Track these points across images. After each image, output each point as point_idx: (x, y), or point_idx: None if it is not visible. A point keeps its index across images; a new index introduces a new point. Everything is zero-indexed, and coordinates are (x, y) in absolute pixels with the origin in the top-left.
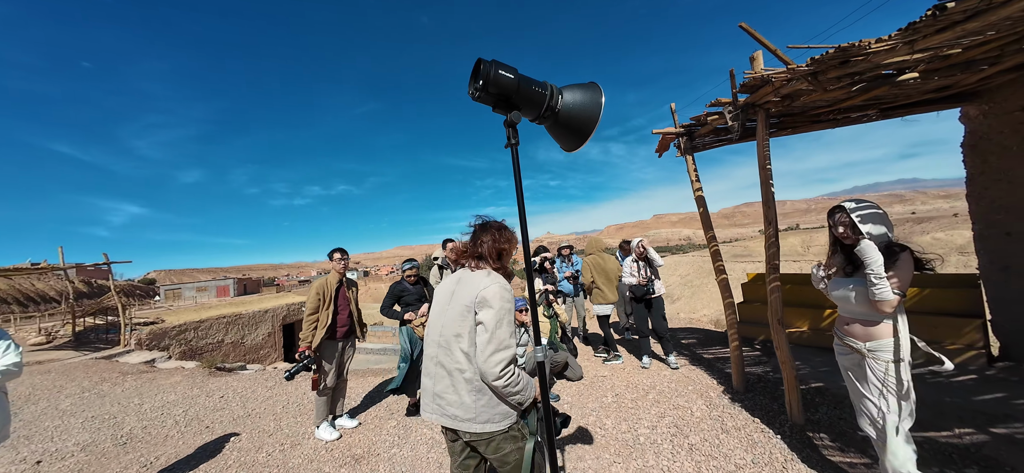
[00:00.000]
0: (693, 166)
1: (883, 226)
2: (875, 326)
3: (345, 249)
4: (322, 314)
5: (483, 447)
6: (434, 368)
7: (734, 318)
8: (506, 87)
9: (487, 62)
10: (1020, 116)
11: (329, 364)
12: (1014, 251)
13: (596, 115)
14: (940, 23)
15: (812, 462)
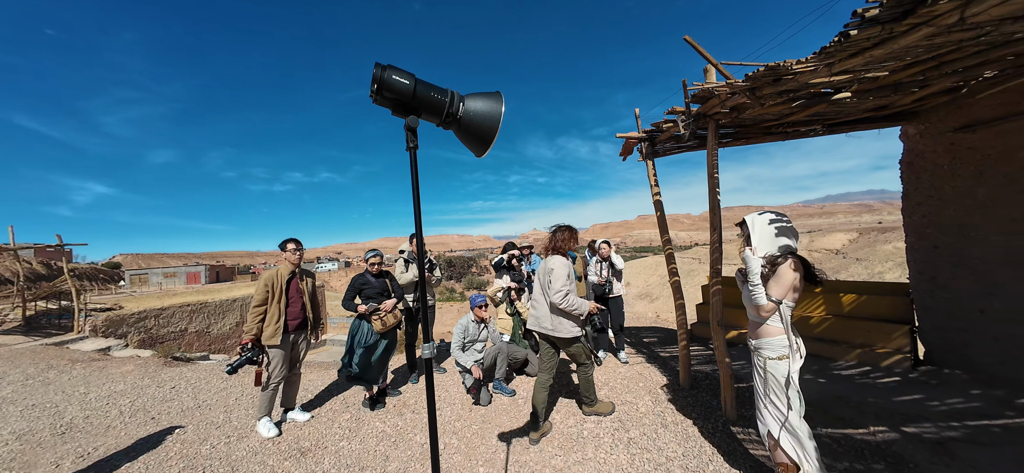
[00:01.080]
0: (653, 171)
1: (789, 238)
2: (759, 326)
3: (299, 240)
4: (272, 307)
5: (560, 345)
6: (537, 300)
7: (684, 318)
8: (402, 93)
9: (382, 66)
10: (952, 137)
11: (277, 358)
12: (940, 264)
13: (496, 123)
14: (848, 49)
15: (735, 456)
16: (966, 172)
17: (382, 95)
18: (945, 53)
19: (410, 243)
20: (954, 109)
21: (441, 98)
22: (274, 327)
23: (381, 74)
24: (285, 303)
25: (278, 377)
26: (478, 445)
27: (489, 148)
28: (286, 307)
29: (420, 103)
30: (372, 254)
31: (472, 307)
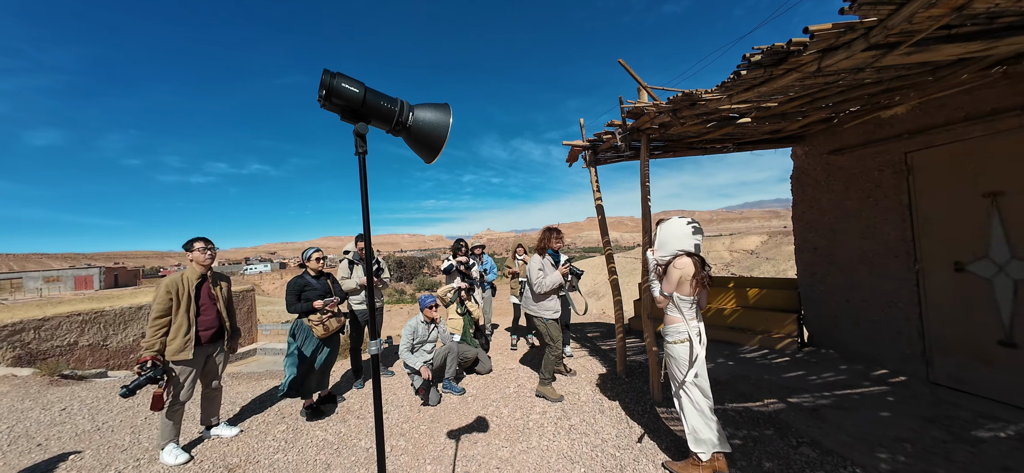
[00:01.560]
0: (595, 177)
1: (699, 237)
2: (665, 316)
3: (209, 239)
4: (179, 317)
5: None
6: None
7: (621, 314)
8: (351, 100)
9: (331, 73)
10: (827, 158)
11: (187, 375)
12: (818, 262)
13: (444, 133)
14: (740, 85)
15: (660, 433)
16: (837, 187)
17: (330, 101)
18: (816, 91)
19: (356, 244)
20: (829, 135)
21: (391, 107)
22: (183, 340)
23: (330, 81)
24: (195, 312)
25: (187, 396)
26: (426, 445)
27: (437, 156)
28: (197, 316)
29: (370, 110)
30: (313, 251)
31: (422, 308)
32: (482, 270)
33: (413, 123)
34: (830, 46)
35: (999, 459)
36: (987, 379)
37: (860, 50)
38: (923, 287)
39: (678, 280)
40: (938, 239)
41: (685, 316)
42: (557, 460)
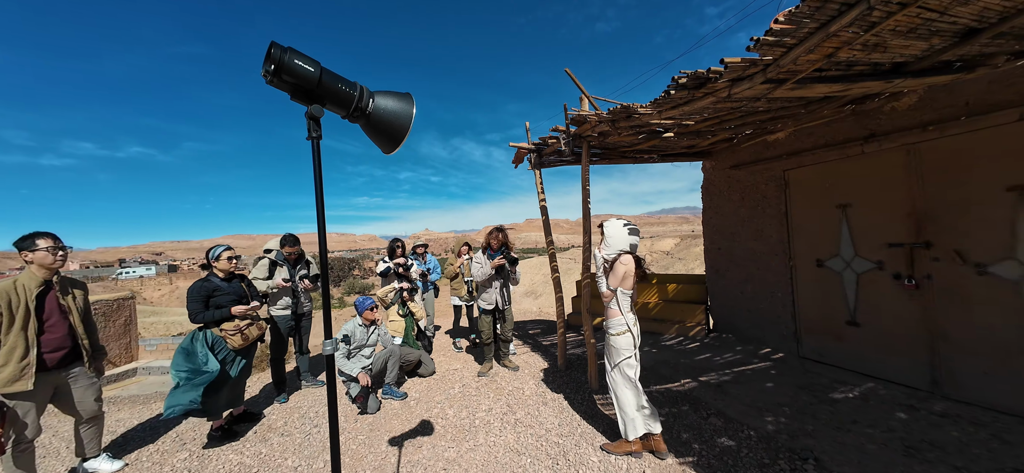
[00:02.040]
0: (540, 179)
1: (626, 240)
2: (607, 310)
3: (57, 236)
4: (11, 336)
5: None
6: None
7: (562, 310)
8: (305, 79)
9: (282, 48)
10: (728, 171)
11: (28, 413)
12: (721, 260)
13: (407, 123)
14: (668, 103)
15: (597, 419)
16: (735, 197)
17: (280, 78)
18: (723, 114)
19: (284, 246)
20: (730, 153)
21: (349, 91)
22: (17, 367)
23: (281, 56)
24: (37, 329)
25: (35, 433)
26: (365, 454)
27: (398, 147)
28: (39, 334)
29: (325, 92)
30: (223, 249)
31: (360, 311)
32: (425, 270)
33: (373, 110)
34: (738, 77)
35: (850, 414)
36: (839, 351)
37: (759, 82)
38: (795, 280)
39: (623, 275)
40: (805, 241)
41: (624, 310)
42: (504, 454)
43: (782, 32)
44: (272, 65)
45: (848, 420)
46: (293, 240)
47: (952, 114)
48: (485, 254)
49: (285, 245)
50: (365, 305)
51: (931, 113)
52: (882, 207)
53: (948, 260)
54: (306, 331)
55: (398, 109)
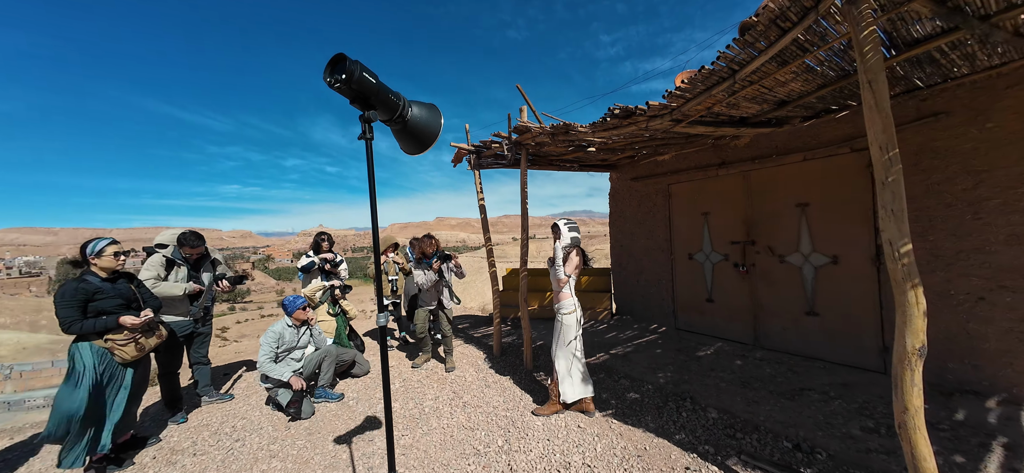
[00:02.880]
0: (479, 179)
1: (575, 233)
2: (559, 294)
3: None
4: None
5: None
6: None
7: (498, 302)
8: (367, 89)
9: (351, 61)
10: (630, 182)
11: None
12: (622, 255)
13: (436, 132)
14: (603, 127)
15: (535, 391)
16: (634, 203)
17: (348, 85)
18: (635, 140)
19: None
20: (631, 167)
21: (396, 100)
22: None
23: (354, 68)
24: None
25: None
26: (310, 457)
27: (424, 151)
28: None
29: (379, 100)
30: (109, 243)
31: (290, 311)
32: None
33: (410, 118)
34: (654, 114)
35: (709, 365)
36: (702, 322)
37: (667, 120)
38: (674, 270)
39: (576, 265)
40: (681, 240)
41: (573, 294)
42: (458, 432)
43: (683, 90)
44: (344, 75)
45: (708, 369)
46: (197, 239)
47: (768, 153)
48: (421, 265)
49: (186, 245)
50: (296, 305)
51: (757, 151)
52: (728, 215)
53: (764, 253)
54: (206, 339)
55: (429, 119)
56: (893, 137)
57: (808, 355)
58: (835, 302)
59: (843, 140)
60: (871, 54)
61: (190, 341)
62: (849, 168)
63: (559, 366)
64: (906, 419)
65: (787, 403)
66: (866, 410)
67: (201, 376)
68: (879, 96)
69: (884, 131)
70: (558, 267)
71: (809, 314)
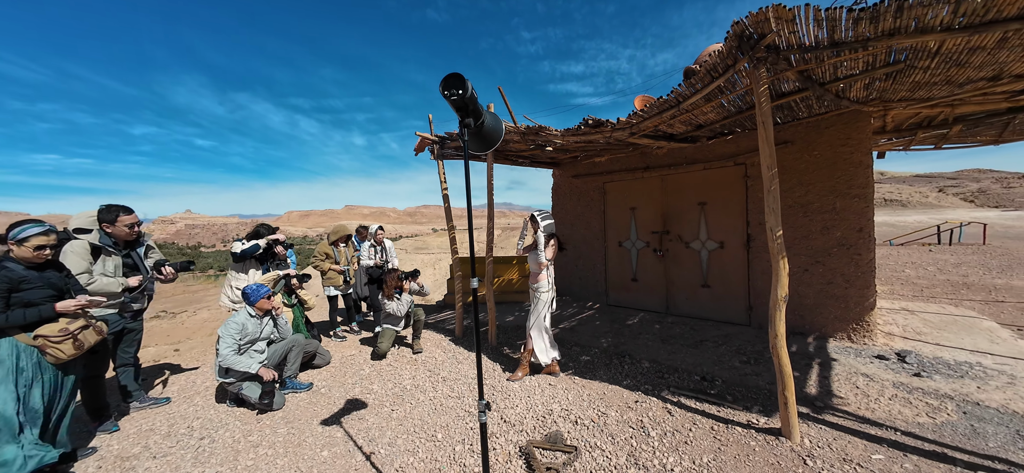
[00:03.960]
0: (442, 169)
1: (550, 222)
2: (537, 276)
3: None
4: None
5: None
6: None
7: (460, 287)
8: (471, 104)
9: (469, 85)
10: (571, 179)
11: None
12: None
13: (499, 137)
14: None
15: (504, 362)
16: (574, 197)
17: (462, 99)
18: (587, 144)
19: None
20: (572, 166)
21: (480, 110)
22: None
23: (470, 90)
24: None
25: None
26: (303, 439)
27: (486, 151)
28: None
29: (474, 110)
30: (33, 229)
31: (252, 300)
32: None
33: (483, 124)
34: (618, 127)
35: (636, 329)
36: (627, 297)
37: (626, 133)
38: (606, 255)
39: (554, 250)
40: (613, 230)
41: (550, 275)
42: (447, 400)
43: (644, 112)
44: (461, 92)
45: (636, 333)
46: (127, 212)
47: (681, 162)
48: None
49: (113, 223)
50: (259, 294)
51: (672, 159)
52: (649, 209)
53: (675, 240)
54: (138, 336)
55: (496, 126)
56: (775, 159)
57: (702, 317)
58: (720, 276)
59: (729, 156)
60: (764, 103)
61: (119, 339)
62: (732, 177)
63: (534, 335)
64: (777, 342)
65: (693, 351)
66: (741, 351)
67: (129, 379)
68: (767, 132)
69: (770, 155)
70: (540, 252)
71: (703, 286)
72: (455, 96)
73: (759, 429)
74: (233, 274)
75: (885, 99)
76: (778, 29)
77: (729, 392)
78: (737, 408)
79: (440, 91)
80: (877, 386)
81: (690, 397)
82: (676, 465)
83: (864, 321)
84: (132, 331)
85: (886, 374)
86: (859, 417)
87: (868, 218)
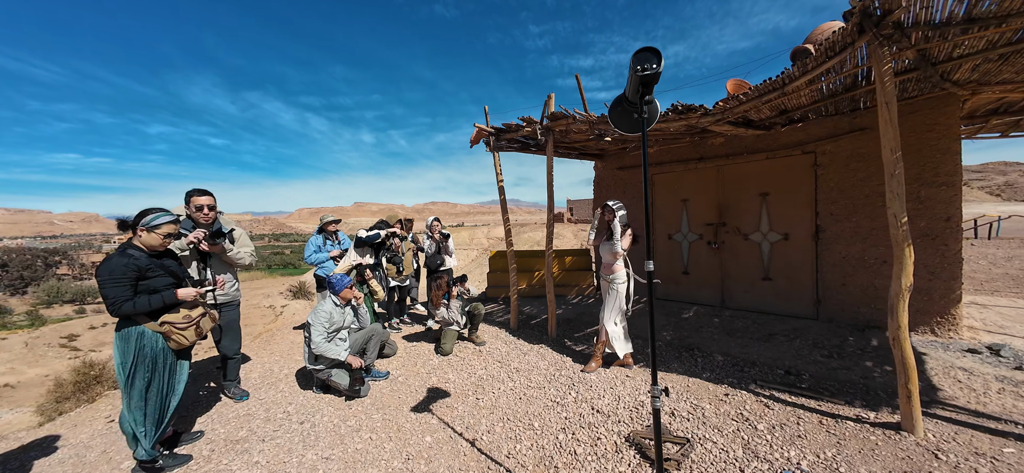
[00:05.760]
0: (498, 161)
1: (624, 211)
2: (612, 266)
3: None
4: None
5: None
6: None
7: (515, 279)
8: (656, 80)
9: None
10: (615, 171)
11: None
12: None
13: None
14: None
15: (570, 355)
16: (619, 189)
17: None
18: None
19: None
20: (616, 158)
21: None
22: None
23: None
24: None
25: None
26: (401, 424)
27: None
28: None
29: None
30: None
31: (337, 290)
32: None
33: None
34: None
35: (694, 323)
36: (677, 291)
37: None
38: (653, 248)
39: (630, 240)
40: (662, 223)
41: (625, 265)
42: (529, 390)
43: (747, 94)
44: (656, 66)
45: (696, 326)
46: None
47: (739, 151)
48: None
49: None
50: (343, 284)
51: (730, 149)
52: (703, 201)
53: (732, 232)
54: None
55: (656, 110)
56: (899, 142)
57: (763, 310)
58: (784, 269)
59: (796, 145)
60: (888, 82)
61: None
62: (799, 166)
63: (610, 327)
64: (899, 334)
65: (765, 345)
66: (818, 345)
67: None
68: (891, 113)
69: (894, 137)
70: (616, 241)
71: (764, 279)
72: (648, 71)
73: (874, 423)
74: (354, 256)
75: (985, 81)
76: (908, 4)
77: (821, 387)
78: (838, 402)
79: (631, 64)
80: (980, 380)
81: (781, 391)
82: (800, 458)
83: (949, 314)
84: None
85: (984, 368)
86: (972, 411)
87: (956, 207)
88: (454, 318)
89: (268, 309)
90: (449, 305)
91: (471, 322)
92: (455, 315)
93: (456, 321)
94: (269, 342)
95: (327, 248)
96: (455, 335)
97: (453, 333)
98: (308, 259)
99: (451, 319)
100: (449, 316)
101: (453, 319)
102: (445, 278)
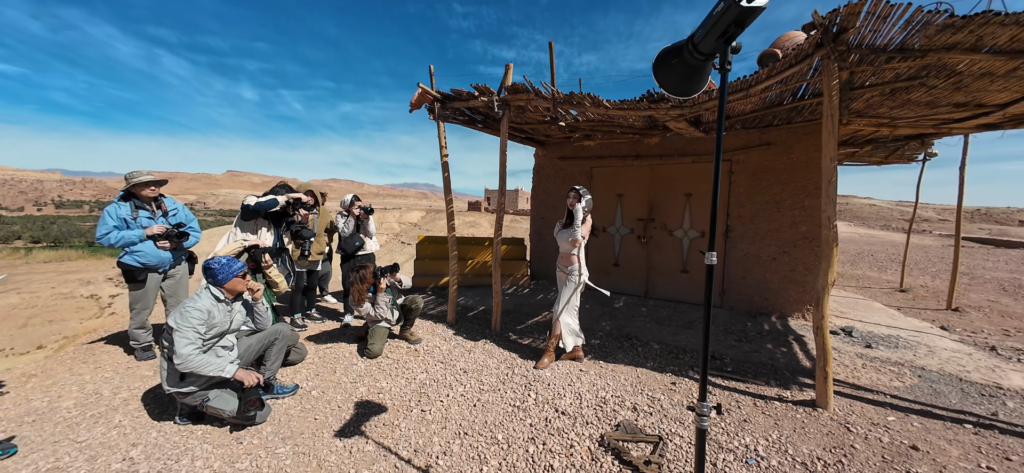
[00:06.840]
0: (442, 131)
1: (590, 197)
2: (569, 257)
3: None
4: None
5: None
6: None
7: (456, 267)
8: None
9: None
10: (556, 161)
11: None
12: (543, 226)
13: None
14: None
15: (517, 350)
16: (558, 180)
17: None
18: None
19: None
20: (558, 147)
21: None
22: None
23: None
24: None
25: None
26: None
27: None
28: None
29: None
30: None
31: (223, 280)
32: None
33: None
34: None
35: (627, 313)
36: (609, 282)
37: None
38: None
39: (589, 228)
40: (598, 216)
41: (582, 257)
42: (483, 394)
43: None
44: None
45: (629, 316)
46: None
47: (672, 153)
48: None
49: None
50: (231, 271)
51: (663, 150)
52: (637, 197)
53: (659, 228)
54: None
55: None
56: (836, 152)
57: (680, 300)
58: (698, 263)
59: None
60: (834, 96)
61: None
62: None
63: (564, 319)
64: (822, 323)
65: (689, 331)
66: (728, 330)
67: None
68: (834, 124)
69: (833, 147)
70: (576, 228)
71: (682, 272)
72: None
73: (794, 402)
74: (237, 233)
75: (864, 114)
76: (863, 25)
77: (742, 369)
78: (760, 383)
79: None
80: (847, 358)
81: (714, 375)
82: (755, 444)
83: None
84: None
85: (846, 347)
86: (851, 385)
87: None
88: (384, 315)
89: (89, 300)
90: (375, 300)
91: (406, 318)
92: (385, 312)
93: (386, 318)
94: (92, 351)
95: (142, 221)
96: (386, 333)
97: (383, 331)
98: (105, 240)
99: (380, 316)
100: (376, 312)
101: (382, 316)
102: (371, 267)
